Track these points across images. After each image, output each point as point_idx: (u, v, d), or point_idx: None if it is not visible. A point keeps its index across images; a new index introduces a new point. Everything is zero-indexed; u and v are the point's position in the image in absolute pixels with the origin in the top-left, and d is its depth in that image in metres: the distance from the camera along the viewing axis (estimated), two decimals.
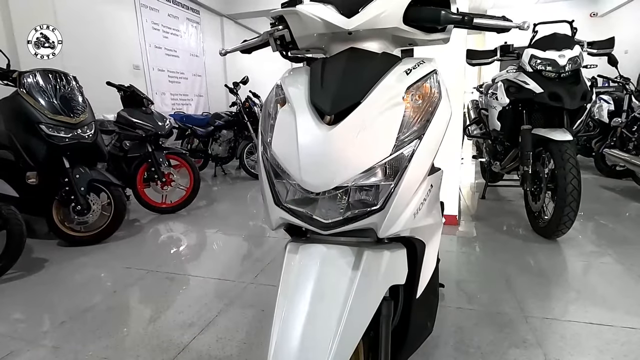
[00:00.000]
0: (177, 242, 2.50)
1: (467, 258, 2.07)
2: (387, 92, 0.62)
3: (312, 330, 0.52)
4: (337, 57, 0.71)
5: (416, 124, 0.61)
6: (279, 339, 0.52)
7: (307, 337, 0.51)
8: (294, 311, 0.54)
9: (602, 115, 4.12)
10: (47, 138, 2.15)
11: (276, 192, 0.64)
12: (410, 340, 0.80)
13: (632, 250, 2.05)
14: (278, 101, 0.70)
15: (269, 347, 0.52)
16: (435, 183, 0.69)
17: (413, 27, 0.71)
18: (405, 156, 0.59)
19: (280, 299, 0.57)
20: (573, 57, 2.08)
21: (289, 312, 0.54)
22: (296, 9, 0.73)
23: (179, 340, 1.32)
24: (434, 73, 0.67)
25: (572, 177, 1.94)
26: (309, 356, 0.50)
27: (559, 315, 1.43)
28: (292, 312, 0.54)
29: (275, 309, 0.56)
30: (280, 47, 0.83)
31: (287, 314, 0.54)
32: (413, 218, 0.61)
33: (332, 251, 0.60)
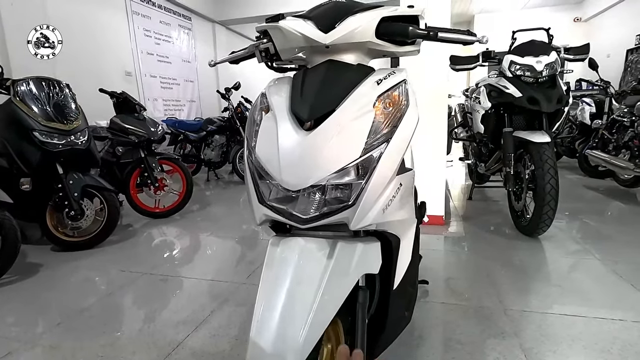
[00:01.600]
0: (171, 246, 2.54)
1: (454, 256, 2.15)
2: (360, 100, 0.69)
3: (290, 309, 0.59)
4: (316, 69, 0.78)
5: (384, 129, 0.68)
6: (260, 318, 0.59)
7: (285, 315, 0.58)
8: (275, 295, 0.61)
9: (584, 118, 4.25)
10: (40, 145, 2.18)
11: (260, 192, 0.71)
12: (389, 328, 0.87)
13: (610, 247, 2.14)
14: (262, 109, 0.77)
15: (252, 323, 0.59)
16: (406, 182, 0.76)
17: (385, 41, 0.79)
18: (374, 157, 0.66)
19: (262, 285, 0.64)
20: (549, 62, 2.18)
21: (270, 296, 0.61)
22: (279, 24, 0.80)
23: (174, 338, 1.37)
24: (403, 83, 0.74)
25: (550, 177, 2.03)
26: (286, 332, 0.57)
27: (537, 308, 1.51)
28: (272, 295, 0.61)
29: (257, 294, 0.63)
30: (266, 59, 0.90)
31: (269, 297, 0.61)
32: (382, 213, 0.68)
33: (310, 243, 0.67)
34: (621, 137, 3.35)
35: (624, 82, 6.57)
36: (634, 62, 6.41)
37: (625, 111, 3.38)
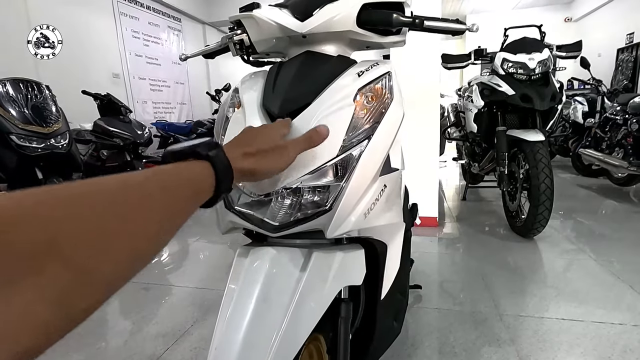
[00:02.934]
0: None
1: (447, 258, 2.09)
2: (338, 93, 0.62)
3: (255, 331, 0.51)
4: (292, 61, 0.72)
5: (365, 124, 0.61)
6: (220, 341, 0.51)
7: (248, 338, 0.50)
8: (238, 313, 0.53)
9: (577, 116, 4.24)
10: (17, 149, 2.10)
11: (228, 196, 0.64)
12: (377, 341, 0.80)
13: (606, 247, 2.10)
14: (234, 104, 0.70)
15: (209, 350, 0.51)
16: (392, 183, 0.69)
17: (367, 30, 0.72)
18: (353, 156, 0.59)
19: (224, 304, 0.55)
20: (542, 60, 2.14)
21: (232, 316, 0.53)
22: (252, 13, 0.74)
23: (153, 352, 1.29)
24: (388, 74, 0.67)
25: (545, 176, 1.98)
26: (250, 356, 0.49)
27: (533, 312, 1.46)
28: (235, 316, 0.53)
29: (218, 314, 0.54)
30: (240, 52, 0.83)
31: (230, 318, 0.53)
32: (364, 218, 0.61)
33: (282, 253, 0.59)
34: (614, 135, 3.32)
35: (615, 81, 6.60)
36: (624, 60, 6.44)
37: (617, 109, 3.37)
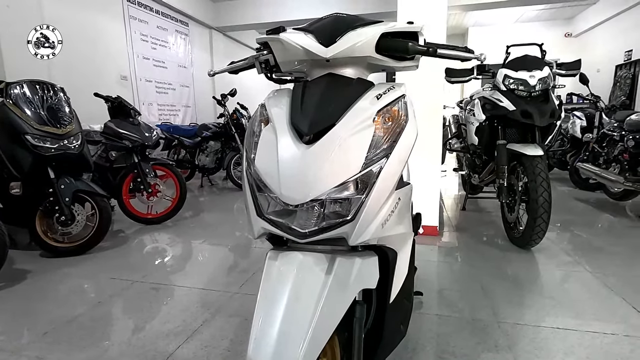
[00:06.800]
0: (163, 253, 2.51)
1: (447, 267, 2.15)
2: (360, 115, 0.69)
3: (288, 327, 0.58)
4: (316, 82, 0.79)
5: (384, 144, 0.68)
6: (258, 334, 0.58)
7: (283, 333, 0.57)
8: (272, 311, 0.60)
9: (575, 131, 4.33)
10: (32, 148, 2.15)
11: (258, 205, 0.71)
12: (385, 343, 0.86)
13: (601, 259, 2.17)
14: (262, 120, 0.77)
15: (248, 342, 0.58)
16: (404, 196, 0.76)
17: (385, 56, 0.80)
18: (373, 172, 0.66)
19: (260, 301, 0.63)
20: (543, 77, 2.22)
21: (268, 311, 0.60)
22: (279, 36, 0.81)
23: (165, 349, 1.34)
24: (403, 97, 0.75)
25: (543, 190, 2.05)
26: (284, 349, 0.56)
27: (530, 321, 1.52)
28: (270, 311, 0.60)
29: (255, 309, 0.62)
30: (265, 70, 0.90)
31: (266, 313, 0.60)
32: (381, 228, 0.68)
33: (308, 258, 0.66)
34: (611, 150, 3.41)
35: (613, 97, 6.71)
36: (622, 77, 6.56)
37: (615, 125, 3.45)
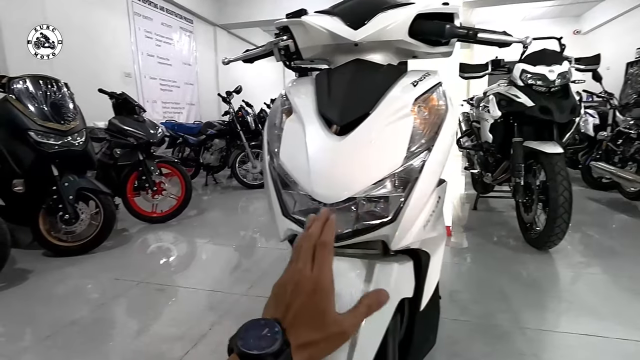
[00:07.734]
0: (167, 253, 2.45)
1: (460, 269, 2.08)
2: (395, 103, 0.62)
3: None
4: (343, 68, 0.71)
5: (425, 136, 0.60)
6: None
7: None
8: None
9: (588, 129, 4.24)
10: (36, 145, 2.09)
11: (284, 203, 0.63)
12: (413, 354, 0.79)
13: (618, 262, 2.08)
14: (284, 111, 0.70)
15: None
16: (442, 195, 0.69)
17: (418, 40, 0.72)
18: (415, 168, 0.58)
19: None
20: (562, 72, 2.14)
21: None
22: (302, 19, 0.74)
23: (171, 355, 1.28)
24: (440, 85, 0.67)
25: (564, 189, 1.97)
26: None
27: (553, 327, 1.44)
28: None
29: None
30: (284, 57, 0.82)
31: None
32: (423, 230, 0.60)
33: (342, 263, 0.58)
34: (627, 149, 3.31)
35: (624, 95, 6.58)
36: (634, 75, 6.44)
37: (631, 123, 3.36)
